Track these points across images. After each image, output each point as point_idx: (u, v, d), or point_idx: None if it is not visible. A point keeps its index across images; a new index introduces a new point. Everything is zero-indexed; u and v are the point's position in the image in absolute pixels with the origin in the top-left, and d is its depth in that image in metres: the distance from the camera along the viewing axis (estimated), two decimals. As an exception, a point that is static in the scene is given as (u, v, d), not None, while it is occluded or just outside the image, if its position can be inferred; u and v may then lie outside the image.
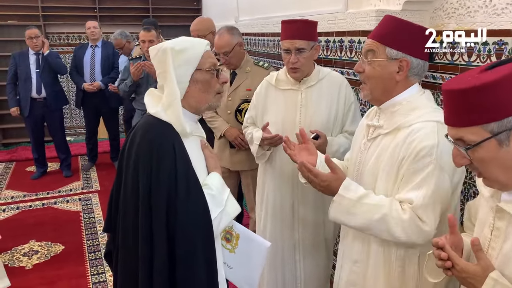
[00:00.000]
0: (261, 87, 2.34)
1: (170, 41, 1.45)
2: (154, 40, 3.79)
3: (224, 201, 1.47)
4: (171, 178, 1.35)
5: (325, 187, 1.50)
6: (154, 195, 1.35)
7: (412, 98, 1.45)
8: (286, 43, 2.09)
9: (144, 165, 1.37)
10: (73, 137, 6.73)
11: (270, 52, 3.77)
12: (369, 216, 1.41)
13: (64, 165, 5.23)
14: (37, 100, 4.85)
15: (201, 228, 1.38)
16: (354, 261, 1.59)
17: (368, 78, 1.47)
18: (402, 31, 1.42)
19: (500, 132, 0.94)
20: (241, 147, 2.85)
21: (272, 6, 3.75)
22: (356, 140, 1.66)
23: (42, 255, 3.39)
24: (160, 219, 1.34)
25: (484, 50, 1.90)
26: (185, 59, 1.42)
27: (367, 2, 2.39)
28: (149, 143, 1.38)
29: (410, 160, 1.37)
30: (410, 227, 1.36)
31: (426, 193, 1.35)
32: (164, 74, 1.42)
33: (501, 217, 1.04)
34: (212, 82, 1.48)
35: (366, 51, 1.47)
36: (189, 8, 6.94)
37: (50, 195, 4.63)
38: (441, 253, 1.09)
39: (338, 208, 1.47)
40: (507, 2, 1.78)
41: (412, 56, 1.43)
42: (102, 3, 6.60)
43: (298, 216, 2.21)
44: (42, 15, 6.36)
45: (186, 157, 1.39)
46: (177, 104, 1.40)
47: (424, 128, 1.37)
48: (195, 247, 1.36)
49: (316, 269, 2.29)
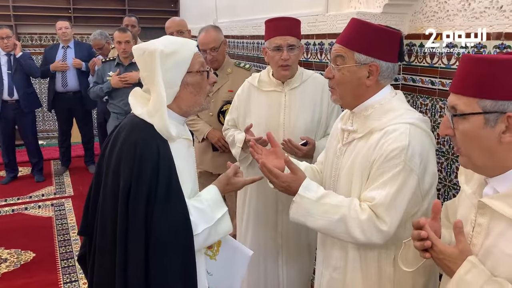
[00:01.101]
0: (243, 88, 2.30)
1: (158, 42, 1.37)
2: (130, 41, 3.71)
3: (216, 219, 1.41)
4: (152, 181, 1.29)
5: (285, 187, 1.49)
6: (132, 198, 1.29)
7: (384, 101, 1.44)
8: (278, 40, 2.04)
9: (125, 166, 1.31)
10: (46, 141, 6.53)
11: (250, 54, 3.75)
12: (328, 216, 1.40)
13: (36, 170, 5.07)
14: (8, 103, 4.69)
15: (179, 236, 1.32)
16: (333, 267, 1.57)
17: (338, 84, 1.45)
18: (369, 35, 1.40)
19: (491, 112, 0.95)
20: (225, 149, 2.80)
21: (251, 8, 3.73)
22: (331, 144, 1.65)
23: (11, 263, 3.26)
24: (137, 222, 1.29)
25: (464, 53, 1.91)
26: (175, 62, 1.35)
27: (348, 5, 2.40)
28: (133, 144, 1.32)
29: (380, 161, 1.36)
30: (369, 227, 1.35)
31: (388, 192, 1.33)
32: (151, 78, 1.35)
33: (483, 213, 1.04)
34: (203, 83, 1.43)
35: (335, 57, 1.45)
36: (166, 10, 6.85)
37: (20, 200, 4.47)
38: (421, 232, 1.08)
39: (297, 208, 1.45)
40: (486, 6, 1.80)
41: (381, 60, 1.41)
42: (76, 4, 6.44)
43: (282, 220, 2.17)
44: (13, 15, 6.16)
45: (170, 161, 1.34)
46: (163, 110, 1.33)
47: (397, 130, 1.36)
48: (170, 256, 1.31)
49: (298, 274, 2.26)
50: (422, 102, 2.16)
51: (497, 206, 0.99)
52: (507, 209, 0.97)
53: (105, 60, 3.92)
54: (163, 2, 6.92)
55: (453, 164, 2.01)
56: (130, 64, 3.74)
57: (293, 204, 1.46)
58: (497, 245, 0.99)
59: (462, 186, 1.17)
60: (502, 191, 1.00)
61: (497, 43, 1.76)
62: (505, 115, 0.94)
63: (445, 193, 2.07)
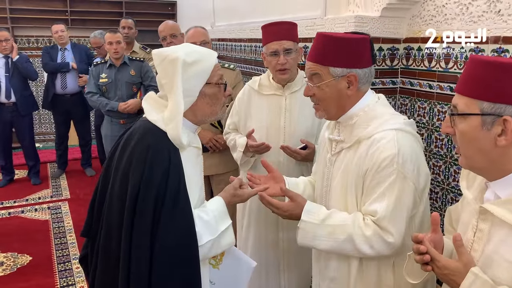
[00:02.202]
0: (244, 92, 2.29)
1: (180, 50, 1.36)
2: (121, 41, 3.71)
3: (219, 232, 1.41)
4: (161, 185, 1.29)
5: (288, 216, 1.50)
6: (140, 201, 1.29)
7: (368, 108, 1.44)
8: (274, 45, 2.04)
9: (135, 169, 1.31)
10: (42, 144, 6.51)
11: (247, 58, 3.75)
12: (335, 237, 1.41)
13: (33, 173, 5.04)
14: (5, 105, 4.67)
15: (184, 243, 1.32)
16: (331, 278, 1.56)
17: (320, 101, 1.45)
18: (339, 47, 1.39)
19: (488, 114, 0.96)
20: (216, 150, 2.80)
21: (249, 11, 3.74)
22: (320, 154, 1.65)
23: (7, 266, 3.23)
24: (144, 226, 1.28)
25: (461, 57, 1.92)
26: (196, 72, 1.35)
27: (346, 8, 2.41)
28: (145, 148, 1.32)
29: (373, 171, 1.36)
30: (376, 241, 1.36)
31: (388, 203, 1.34)
32: (169, 85, 1.34)
33: (484, 218, 1.04)
34: (219, 95, 1.43)
35: (311, 76, 1.44)
36: (163, 13, 6.85)
37: (17, 203, 4.44)
38: (420, 247, 1.08)
39: (303, 234, 1.46)
40: (483, 10, 1.81)
41: (358, 68, 1.40)
42: (73, 7, 6.43)
43: (283, 224, 2.16)
44: (10, 17, 6.15)
45: (180, 169, 1.34)
46: (179, 119, 1.33)
47: (384, 138, 1.35)
48: (174, 263, 1.31)
49: (299, 281, 2.25)
50: (420, 106, 2.17)
51: (499, 212, 0.99)
52: (509, 215, 0.97)
53: (97, 63, 3.91)
54: (160, 5, 6.92)
55: (451, 167, 2.01)
56: (122, 65, 3.73)
57: (298, 230, 1.46)
58: (498, 251, 0.99)
59: (464, 192, 1.17)
60: (503, 196, 1.00)
61: (495, 47, 1.77)
62: (501, 118, 0.94)
63: (443, 196, 2.08)
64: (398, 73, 2.29)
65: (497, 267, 0.99)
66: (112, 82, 3.71)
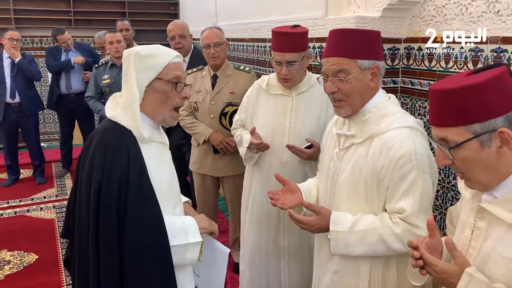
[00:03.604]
0: (252, 90, 2.33)
1: (140, 46, 1.46)
2: (122, 40, 3.75)
3: (189, 241, 1.47)
4: (123, 181, 1.34)
5: (316, 230, 1.52)
6: (103, 196, 1.33)
7: (380, 105, 1.48)
8: (277, 56, 2.05)
9: (97, 168, 1.36)
10: (47, 143, 6.56)
11: (250, 57, 3.78)
12: (366, 241, 1.44)
13: (38, 172, 5.09)
14: (11, 105, 4.72)
15: (152, 230, 1.36)
16: (334, 271, 1.59)
17: (347, 95, 1.46)
18: (362, 39, 1.45)
19: (482, 133, 0.98)
20: (226, 151, 2.83)
21: (252, 11, 3.76)
22: (326, 149, 1.67)
23: (14, 265, 3.27)
24: (109, 218, 1.33)
25: (461, 57, 1.95)
26: (148, 65, 1.41)
27: (347, 9, 2.43)
28: (104, 148, 1.38)
29: (391, 169, 1.40)
30: (408, 238, 1.37)
31: (414, 200, 1.38)
32: (126, 77, 1.42)
33: (482, 217, 1.07)
34: (171, 94, 1.45)
35: (336, 72, 1.45)
36: (166, 12, 6.89)
37: (22, 202, 4.49)
38: (414, 252, 1.12)
39: (335, 243, 1.48)
40: (483, 10, 1.83)
41: (379, 60, 1.46)
42: (77, 7, 6.47)
43: (285, 222, 2.20)
44: (14, 18, 6.19)
45: (140, 161, 1.38)
46: (135, 107, 1.39)
47: (398, 136, 1.40)
48: (142, 251, 1.34)
49: (300, 277, 2.28)
50: (420, 105, 2.20)
51: (496, 211, 1.02)
52: (506, 214, 1.00)
53: (98, 65, 3.94)
54: (163, 5, 6.96)
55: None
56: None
57: (330, 241, 1.48)
58: (495, 249, 1.02)
59: (462, 192, 1.20)
60: (499, 196, 1.03)
61: (494, 47, 1.79)
62: (496, 131, 0.97)
63: (443, 195, 2.11)
64: (399, 73, 2.32)
65: (494, 264, 1.02)
66: (115, 82, 3.73)
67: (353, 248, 1.46)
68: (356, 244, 1.45)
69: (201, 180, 3.06)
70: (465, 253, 1.10)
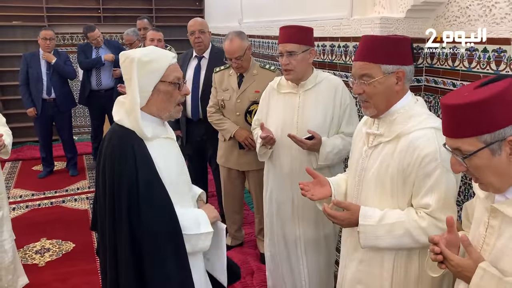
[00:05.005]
0: (266, 91, 2.50)
1: (138, 51, 1.57)
2: (162, 39, 3.89)
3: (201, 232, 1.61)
4: (132, 176, 1.48)
5: (347, 224, 1.63)
6: (116, 194, 1.49)
7: (408, 107, 1.57)
8: (280, 47, 2.24)
9: (108, 168, 1.52)
10: (78, 136, 6.80)
11: (274, 54, 3.86)
12: (393, 234, 1.53)
13: (71, 164, 5.32)
14: (47, 101, 4.94)
15: (164, 218, 1.50)
16: (360, 260, 1.69)
17: (371, 97, 1.56)
18: (388, 45, 1.53)
19: (493, 142, 1.07)
20: (251, 148, 2.95)
21: (277, 9, 3.83)
22: (355, 147, 1.77)
23: (54, 252, 3.48)
24: (122, 214, 1.48)
25: (484, 57, 1.99)
26: (150, 70, 1.53)
27: (372, 10, 2.49)
28: (112, 148, 1.54)
29: (416, 167, 1.49)
30: (433, 231, 1.47)
31: (439, 195, 1.47)
32: (129, 81, 1.54)
33: (495, 216, 1.16)
34: (174, 93, 1.60)
35: (361, 75, 1.56)
36: (191, 8, 7.01)
37: (57, 194, 4.72)
38: (435, 248, 1.22)
39: (364, 236, 1.57)
40: (506, 12, 1.87)
41: (405, 65, 1.54)
42: (105, 4, 6.67)
43: (298, 213, 2.35)
44: (46, 16, 6.42)
45: (147, 158, 1.52)
46: (137, 111, 1.52)
47: (424, 136, 1.49)
48: (159, 243, 1.49)
49: (317, 265, 2.41)
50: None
51: (508, 211, 1.11)
52: None
53: None
54: (188, 0, 7.08)
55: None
56: None
57: (359, 234, 1.58)
58: (508, 246, 1.12)
59: (476, 192, 1.28)
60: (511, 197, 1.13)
61: (516, 49, 1.83)
62: (505, 140, 1.06)
63: (465, 191, 2.17)
64: (422, 72, 2.37)
65: (508, 260, 1.11)
66: None
67: (380, 240, 1.55)
68: (384, 236, 1.54)
69: (227, 173, 3.20)
70: (479, 249, 1.20)
